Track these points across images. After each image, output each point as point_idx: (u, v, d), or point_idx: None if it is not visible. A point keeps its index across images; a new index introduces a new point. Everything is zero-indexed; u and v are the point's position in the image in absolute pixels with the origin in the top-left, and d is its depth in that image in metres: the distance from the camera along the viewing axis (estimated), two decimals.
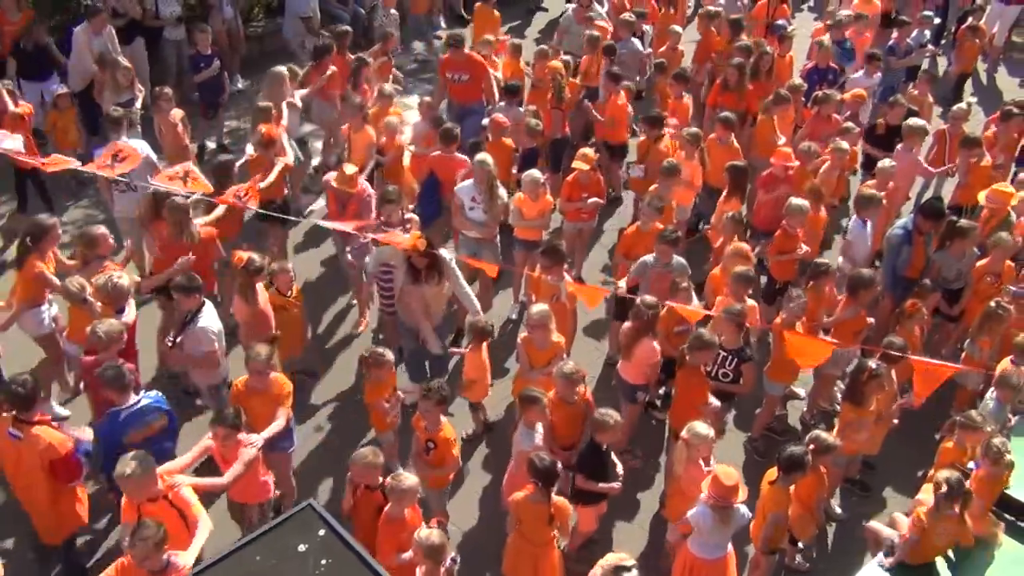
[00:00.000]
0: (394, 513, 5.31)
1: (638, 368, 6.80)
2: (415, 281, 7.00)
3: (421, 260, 6.90)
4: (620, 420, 5.98)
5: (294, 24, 12.23)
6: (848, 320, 7.26)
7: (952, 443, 6.23)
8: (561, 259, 7.21)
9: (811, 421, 7.72)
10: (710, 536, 5.52)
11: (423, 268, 6.95)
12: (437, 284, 7.05)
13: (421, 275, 6.96)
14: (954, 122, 9.80)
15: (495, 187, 7.88)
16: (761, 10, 12.51)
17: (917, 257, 7.94)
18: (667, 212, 8.05)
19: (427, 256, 6.88)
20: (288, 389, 6.19)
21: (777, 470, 5.72)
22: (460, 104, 10.29)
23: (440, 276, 7.03)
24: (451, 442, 6.04)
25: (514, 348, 8.17)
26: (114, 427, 5.72)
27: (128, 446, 5.52)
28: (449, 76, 10.13)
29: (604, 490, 6.03)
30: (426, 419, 5.95)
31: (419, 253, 6.82)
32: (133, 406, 5.78)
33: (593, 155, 8.57)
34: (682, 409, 6.48)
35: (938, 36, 13.94)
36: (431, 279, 7.00)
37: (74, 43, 10.19)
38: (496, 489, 6.48)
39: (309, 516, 3.68)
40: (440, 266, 7.01)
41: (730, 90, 10.12)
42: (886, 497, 7.19)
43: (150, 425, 5.86)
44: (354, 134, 8.93)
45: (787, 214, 7.95)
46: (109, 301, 6.47)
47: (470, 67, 10.04)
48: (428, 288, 7.01)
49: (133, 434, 5.73)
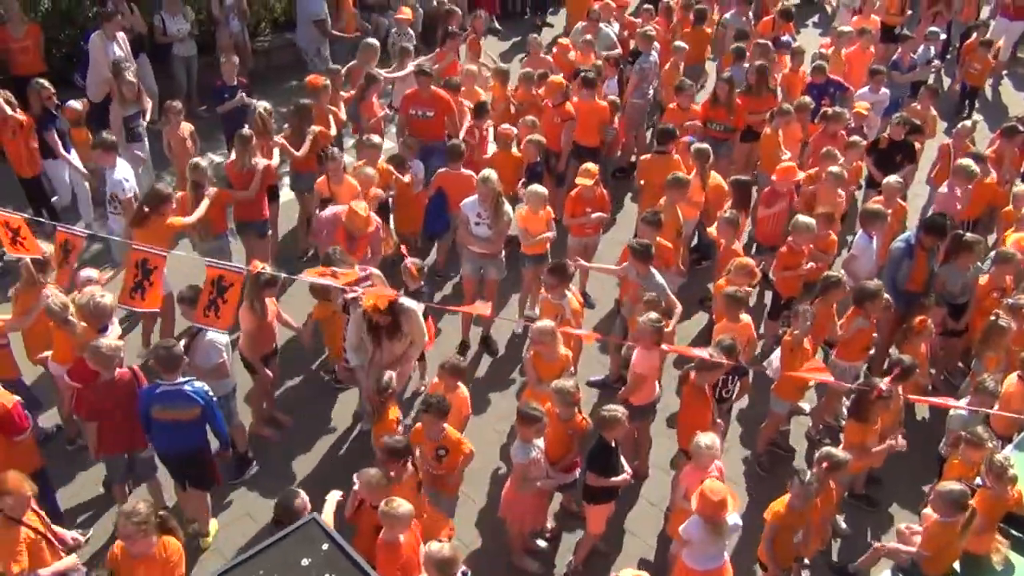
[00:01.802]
0: (389, 539, 5.31)
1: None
2: (377, 343, 6.67)
3: (384, 317, 6.54)
4: (625, 415, 6.00)
5: (308, 30, 12.28)
6: (855, 334, 7.26)
7: (958, 459, 6.22)
8: (566, 277, 7.21)
9: (816, 436, 7.70)
10: (702, 548, 5.52)
11: (386, 326, 6.61)
12: (399, 338, 6.72)
13: (383, 333, 6.63)
14: (959, 138, 9.81)
15: (501, 203, 7.88)
16: (766, 26, 12.59)
17: (919, 271, 7.93)
18: (669, 226, 8.05)
19: (390, 312, 6.53)
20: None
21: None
22: (423, 141, 9.59)
23: (400, 329, 6.66)
24: (460, 440, 6.08)
25: (519, 362, 8.20)
26: (146, 397, 6.00)
27: (157, 421, 5.97)
28: (413, 112, 9.57)
29: (616, 483, 6.07)
30: (428, 431, 5.97)
31: (379, 312, 6.46)
32: (171, 385, 5.96)
33: (596, 170, 8.59)
34: (688, 427, 6.45)
35: (943, 52, 13.98)
36: (395, 335, 6.67)
37: (91, 51, 10.20)
38: (496, 502, 6.47)
39: (313, 530, 3.66)
40: (400, 322, 6.64)
41: (720, 104, 10.15)
42: (892, 513, 7.16)
43: (178, 409, 5.96)
44: (335, 186, 8.33)
45: (794, 230, 7.96)
46: (91, 319, 6.40)
47: (435, 103, 9.54)
48: (397, 344, 6.70)
49: (159, 411, 5.96)
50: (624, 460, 6.22)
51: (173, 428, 6.00)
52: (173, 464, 6.38)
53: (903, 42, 12.20)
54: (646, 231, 7.77)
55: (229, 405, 6.88)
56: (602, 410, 6.02)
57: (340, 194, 8.19)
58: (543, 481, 6.10)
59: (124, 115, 9.31)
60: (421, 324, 6.79)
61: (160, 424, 6.01)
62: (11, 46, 10.38)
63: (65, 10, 11.49)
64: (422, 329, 6.82)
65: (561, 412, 6.18)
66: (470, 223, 7.95)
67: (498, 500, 6.39)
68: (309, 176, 9.09)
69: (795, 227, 7.93)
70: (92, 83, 10.22)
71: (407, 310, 6.62)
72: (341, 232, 7.55)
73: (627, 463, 6.28)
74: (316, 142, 9.07)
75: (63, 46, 11.37)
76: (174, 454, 6.24)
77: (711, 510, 5.33)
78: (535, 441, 6.00)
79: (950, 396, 7.78)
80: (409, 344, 6.81)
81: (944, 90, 13.36)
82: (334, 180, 8.36)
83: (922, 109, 10.61)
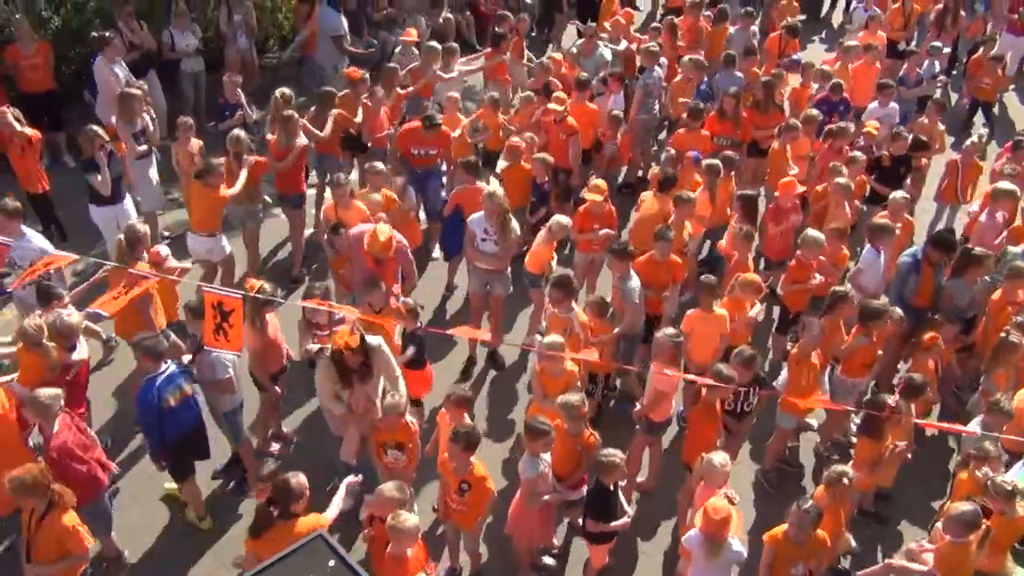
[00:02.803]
0: (396, 552, 5.29)
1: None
2: (350, 385, 6.34)
3: (354, 357, 6.25)
4: (624, 458, 5.94)
5: (327, 46, 12.32)
6: (858, 350, 7.24)
7: (967, 475, 6.18)
8: (571, 290, 7.21)
9: (825, 453, 7.66)
10: (702, 568, 5.51)
11: (357, 368, 6.30)
12: (372, 379, 6.42)
13: (354, 376, 6.31)
14: (967, 154, 9.79)
15: (508, 220, 7.85)
16: (773, 43, 12.62)
17: (925, 285, 7.90)
18: (677, 240, 8.05)
19: (360, 352, 6.23)
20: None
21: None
22: (422, 168, 9.58)
23: (371, 370, 6.37)
24: (486, 479, 5.93)
25: (525, 377, 8.19)
26: (152, 393, 6.16)
27: (167, 413, 6.16)
28: (415, 152, 9.45)
29: (615, 528, 6.01)
30: (455, 462, 5.86)
31: (351, 351, 6.19)
32: (164, 372, 6.23)
33: (605, 186, 8.60)
34: (695, 444, 6.42)
35: (949, 67, 13.99)
36: (366, 377, 6.37)
37: (97, 76, 10.30)
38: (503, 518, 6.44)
39: (319, 546, 3.64)
40: (372, 362, 6.36)
41: (727, 119, 10.16)
42: (901, 530, 7.11)
43: (182, 389, 6.30)
44: (343, 211, 8.23)
45: (802, 245, 7.95)
46: (58, 339, 6.34)
47: (438, 142, 9.44)
48: (368, 386, 6.41)
49: (169, 398, 6.20)
50: (624, 500, 6.14)
51: (184, 408, 6.34)
52: (187, 445, 6.52)
53: (909, 57, 12.21)
54: (659, 247, 7.74)
55: (236, 420, 6.89)
56: (600, 455, 5.90)
57: (349, 219, 8.09)
58: (551, 495, 6.07)
59: (132, 131, 9.32)
60: (392, 362, 6.51)
61: (173, 410, 6.25)
62: (21, 63, 10.44)
63: (75, 28, 11.57)
64: (393, 367, 6.50)
65: (569, 427, 6.15)
66: (477, 239, 7.95)
67: (505, 516, 6.36)
68: (332, 159, 9.72)
69: (804, 241, 7.93)
70: (104, 104, 10.30)
71: (376, 348, 6.36)
72: (368, 256, 7.48)
73: (633, 482, 6.24)
74: (338, 123, 9.56)
75: (73, 63, 11.44)
76: (189, 432, 6.47)
77: (713, 528, 5.31)
78: (543, 456, 5.97)
79: (959, 410, 7.78)
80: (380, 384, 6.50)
81: (951, 105, 13.35)
82: (341, 205, 8.26)
83: (929, 124, 10.60)
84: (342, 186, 8.26)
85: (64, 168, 10.90)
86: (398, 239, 7.53)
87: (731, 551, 5.47)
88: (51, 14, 11.59)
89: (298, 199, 9.46)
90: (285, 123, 8.99)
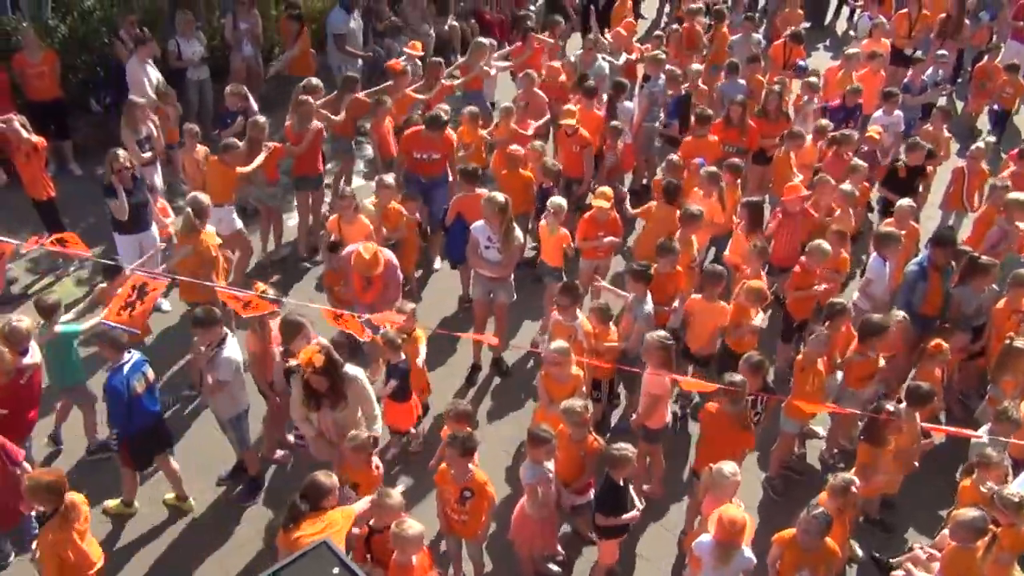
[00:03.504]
0: (402, 561, 5.29)
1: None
2: (316, 407, 6.13)
3: (320, 382, 6.00)
4: (635, 453, 5.93)
5: (334, 48, 12.47)
6: (855, 365, 7.22)
7: (971, 482, 6.15)
8: (577, 298, 7.20)
9: (830, 460, 7.63)
10: (711, 573, 5.49)
11: (324, 391, 6.07)
12: (343, 408, 6.17)
13: (323, 400, 6.09)
14: (973, 161, 9.78)
15: (511, 228, 7.83)
16: (778, 50, 12.62)
17: (933, 293, 7.88)
18: (683, 257, 8.07)
19: (326, 376, 5.99)
20: None
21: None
22: (426, 176, 9.53)
23: (345, 401, 6.14)
24: (487, 484, 5.89)
25: (530, 383, 8.18)
26: (122, 379, 6.33)
27: (135, 401, 6.34)
28: (418, 156, 9.42)
29: (625, 521, 6.00)
30: (454, 469, 5.82)
31: (315, 371, 5.93)
32: (128, 361, 6.41)
33: (611, 194, 8.61)
34: (707, 452, 6.37)
35: (954, 75, 13.98)
36: (337, 403, 6.12)
37: (131, 77, 10.41)
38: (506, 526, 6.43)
39: (323, 553, 3.64)
40: (342, 388, 6.14)
41: (733, 126, 10.16)
42: (908, 538, 7.08)
43: (146, 375, 6.52)
44: (346, 225, 8.19)
45: (808, 253, 7.94)
46: (9, 344, 6.38)
47: (442, 145, 9.40)
48: (340, 415, 6.19)
49: (137, 386, 6.39)
50: (635, 494, 6.14)
51: (148, 396, 6.53)
52: (152, 433, 6.65)
53: (914, 65, 12.21)
54: (663, 260, 7.73)
55: (241, 426, 6.89)
56: (611, 448, 5.93)
57: (351, 235, 8.01)
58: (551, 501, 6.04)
59: (136, 139, 9.36)
60: (371, 397, 6.32)
61: (140, 398, 6.43)
62: (27, 71, 10.49)
63: (82, 36, 11.61)
64: (371, 403, 6.32)
65: (573, 433, 6.14)
66: (480, 247, 7.94)
67: (508, 524, 6.35)
68: (347, 140, 10.41)
69: (811, 250, 7.92)
70: None
71: (352, 379, 6.12)
72: (355, 275, 7.50)
73: (639, 489, 6.23)
74: (352, 108, 10.03)
75: (79, 72, 11.48)
76: (153, 420, 6.64)
77: (727, 536, 5.29)
78: (545, 464, 5.95)
79: (966, 418, 7.75)
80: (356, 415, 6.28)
81: (957, 113, 13.33)
82: (345, 219, 8.18)
83: (935, 131, 10.59)
84: (347, 198, 8.21)
85: (70, 176, 10.95)
86: (387, 257, 7.50)
87: (742, 558, 5.44)
88: (58, 23, 11.64)
89: (317, 181, 9.87)
90: (299, 108, 9.36)
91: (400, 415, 7.18)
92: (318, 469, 6.64)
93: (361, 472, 6.01)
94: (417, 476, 7.15)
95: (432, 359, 8.47)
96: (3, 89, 10.38)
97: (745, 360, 6.57)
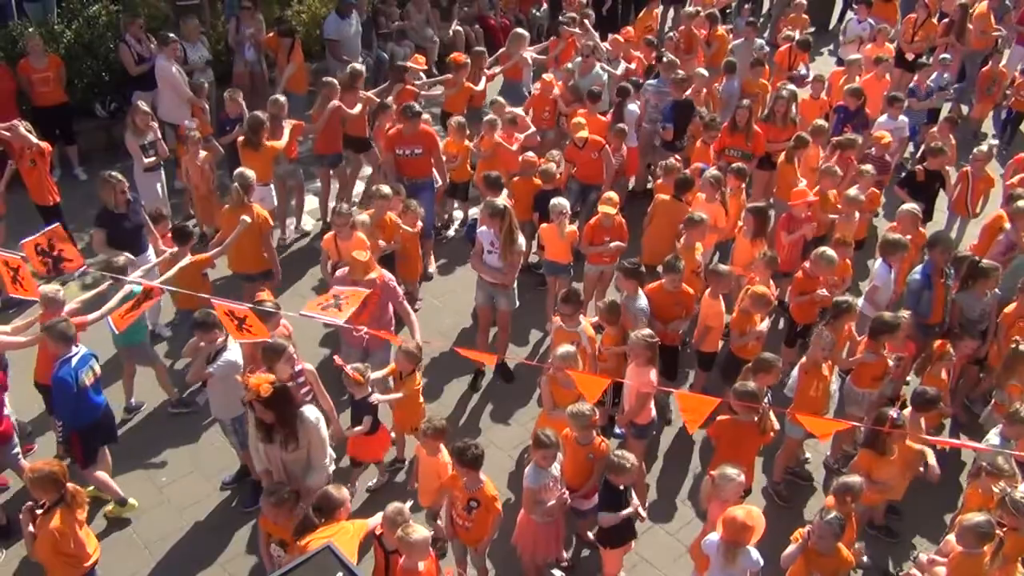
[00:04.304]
0: (408, 566, 5.29)
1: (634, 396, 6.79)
2: (266, 439, 5.80)
3: (266, 413, 5.66)
4: (636, 464, 5.92)
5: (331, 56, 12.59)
6: (867, 364, 7.20)
7: (978, 488, 6.13)
8: (579, 305, 7.19)
9: (835, 465, 7.61)
10: (717, 573, 5.47)
11: (273, 426, 5.73)
12: (294, 450, 5.83)
13: (272, 435, 5.76)
14: (978, 163, 9.76)
15: (514, 235, 7.80)
16: (783, 55, 12.62)
17: (938, 301, 7.86)
18: (691, 262, 8.06)
19: (272, 409, 5.65)
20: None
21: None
22: (411, 179, 9.41)
23: (296, 443, 5.79)
24: (495, 498, 5.87)
25: (533, 388, 8.17)
26: (70, 370, 6.33)
27: (83, 393, 6.36)
28: (400, 152, 9.29)
29: (628, 515, 5.95)
30: (464, 477, 5.81)
31: (260, 400, 5.57)
32: (77, 354, 6.41)
33: (617, 198, 8.60)
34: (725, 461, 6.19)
35: (959, 78, 13.95)
36: (287, 443, 5.77)
37: (162, 76, 10.60)
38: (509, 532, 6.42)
39: (327, 559, 3.64)
40: (294, 427, 5.75)
41: (739, 131, 10.16)
42: (914, 544, 7.05)
43: (94, 369, 6.52)
44: (343, 243, 7.92)
45: (813, 260, 7.93)
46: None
47: (424, 140, 9.29)
48: (289, 455, 5.84)
49: (87, 376, 6.42)
50: (635, 496, 6.12)
51: (95, 390, 6.57)
52: (98, 429, 6.66)
53: (919, 69, 12.20)
54: (669, 277, 7.60)
55: (243, 429, 6.83)
56: (613, 454, 5.92)
57: (347, 252, 7.61)
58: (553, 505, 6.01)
59: (140, 143, 9.38)
60: (325, 446, 5.96)
61: (87, 392, 6.45)
62: (33, 77, 10.54)
63: (87, 42, 11.65)
64: (322, 450, 5.93)
65: (579, 436, 6.13)
66: (484, 252, 7.93)
67: (511, 529, 6.34)
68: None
69: (816, 258, 7.90)
70: (171, 107, 10.59)
71: (307, 421, 5.79)
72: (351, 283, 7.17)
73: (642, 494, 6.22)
74: (401, 96, 10.38)
75: (85, 77, 11.52)
76: (102, 412, 6.69)
77: (733, 536, 5.28)
78: (550, 469, 5.93)
79: (971, 424, 7.72)
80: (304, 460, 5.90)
81: (962, 118, 13.31)
82: (342, 236, 7.94)
83: (942, 139, 10.54)
84: (343, 216, 7.92)
85: (75, 181, 10.98)
86: (383, 275, 7.29)
87: (749, 559, 5.41)
88: (63, 28, 11.69)
89: (335, 159, 10.33)
90: (322, 88, 10.01)
91: (371, 446, 6.88)
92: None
93: (282, 529, 5.71)
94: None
95: (434, 363, 8.52)
96: (9, 94, 10.46)
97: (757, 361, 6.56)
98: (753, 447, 6.40)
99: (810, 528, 5.55)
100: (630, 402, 6.84)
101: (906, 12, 14.38)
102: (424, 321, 8.71)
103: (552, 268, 8.76)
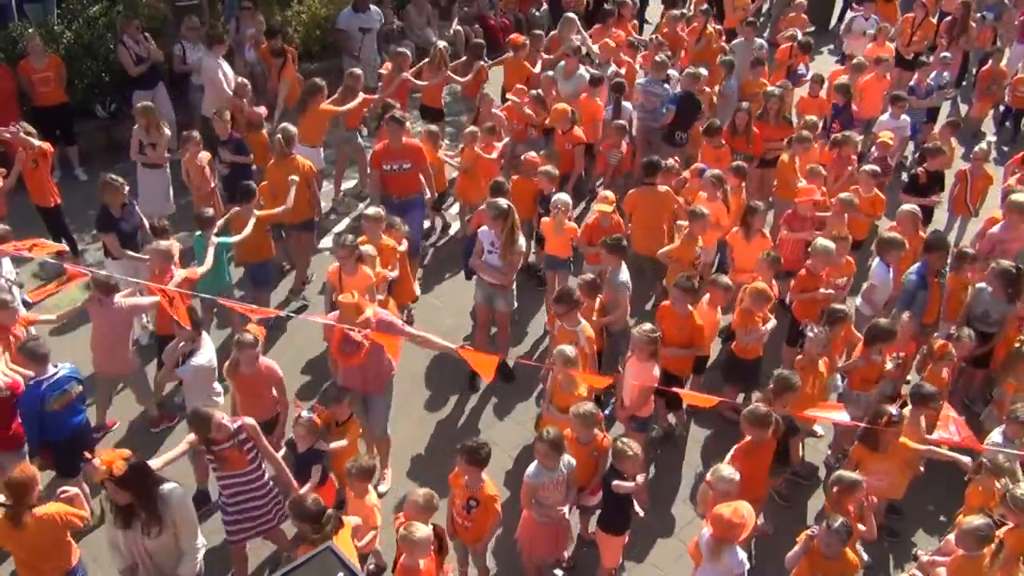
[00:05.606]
0: (409, 564, 5.29)
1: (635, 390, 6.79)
2: (124, 525, 5.02)
3: (120, 494, 4.89)
4: (640, 452, 5.93)
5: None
6: (861, 368, 7.21)
7: (979, 486, 6.13)
8: (575, 304, 7.17)
9: (836, 464, 7.60)
10: (702, 569, 5.50)
11: (126, 507, 4.95)
12: (158, 535, 5.02)
13: (131, 520, 4.99)
14: (975, 161, 9.77)
15: (515, 235, 7.78)
16: (784, 53, 12.62)
17: (933, 301, 7.86)
18: (684, 258, 8.12)
19: (128, 489, 4.90)
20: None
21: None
22: (399, 197, 9.05)
23: (160, 526, 5.00)
24: (494, 499, 5.88)
25: (534, 389, 8.18)
26: (35, 397, 6.19)
27: (49, 415, 6.19)
28: (388, 167, 8.95)
29: (630, 488, 5.92)
30: (466, 475, 5.81)
31: (112, 480, 4.81)
32: (52, 376, 6.23)
33: (613, 197, 8.61)
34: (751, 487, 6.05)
35: (959, 78, 13.96)
36: (149, 527, 4.97)
37: (208, 73, 10.84)
38: (510, 531, 6.44)
39: (328, 559, 3.65)
40: (155, 509, 4.97)
41: (739, 134, 10.16)
42: (915, 542, 7.06)
43: (68, 393, 6.32)
44: (347, 277, 7.43)
45: (812, 254, 7.93)
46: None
47: (411, 154, 8.99)
48: (148, 540, 5.04)
49: (55, 402, 6.23)
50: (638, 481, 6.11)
51: (69, 412, 6.36)
52: (65, 448, 6.44)
53: (919, 68, 12.20)
54: (681, 296, 7.35)
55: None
56: (617, 440, 5.96)
57: (350, 288, 6.96)
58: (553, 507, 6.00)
59: (147, 142, 9.39)
60: (191, 523, 5.20)
61: (55, 414, 6.26)
62: (32, 77, 10.55)
63: (87, 42, 11.66)
64: (191, 530, 5.19)
65: (581, 435, 6.14)
66: (484, 252, 7.93)
67: (512, 529, 6.35)
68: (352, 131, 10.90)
69: (814, 251, 7.91)
70: (211, 103, 10.66)
71: (170, 500, 5.02)
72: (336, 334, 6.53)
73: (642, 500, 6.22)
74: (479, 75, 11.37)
75: (85, 77, 11.53)
76: (68, 436, 6.42)
77: (720, 533, 5.29)
78: (552, 469, 5.93)
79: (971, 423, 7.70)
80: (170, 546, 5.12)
81: (962, 118, 13.32)
82: (346, 271, 7.44)
83: (942, 140, 10.53)
84: (347, 248, 7.37)
85: (76, 181, 10.98)
86: (381, 315, 6.68)
87: (735, 559, 5.39)
88: (63, 29, 11.70)
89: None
90: (395, 58, 11.05)
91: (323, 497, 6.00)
92: None
93: (359, 496, 5.71)
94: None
95: (435, 363, 8.52)
96: (9, 95, 10.46)
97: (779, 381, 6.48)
98: (770, 455, 6.38)
99: (816, 535, 5.54)
100: (632, 397, 6.84)
101: (906, 12, 14.37)
102: (424, 321, 8.73)
103: (552, 263, 8.78)
